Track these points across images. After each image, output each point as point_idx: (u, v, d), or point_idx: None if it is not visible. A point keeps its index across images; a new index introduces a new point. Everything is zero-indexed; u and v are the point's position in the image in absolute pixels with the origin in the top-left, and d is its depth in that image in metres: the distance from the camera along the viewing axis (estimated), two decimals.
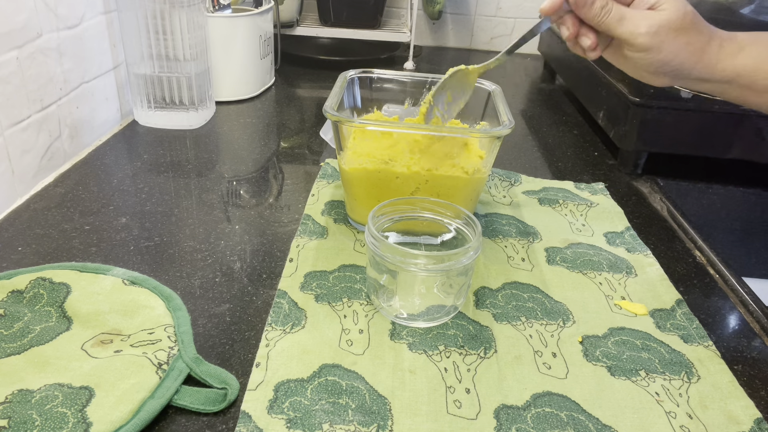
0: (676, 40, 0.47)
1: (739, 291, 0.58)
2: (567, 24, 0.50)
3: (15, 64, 0.65)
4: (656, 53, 0.47)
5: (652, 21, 0.47)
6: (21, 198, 0.67)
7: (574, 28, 0.50)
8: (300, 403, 0.42)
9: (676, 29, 0.47)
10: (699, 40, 0.48)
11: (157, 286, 0.51)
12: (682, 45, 0.47)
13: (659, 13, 0.47)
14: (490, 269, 0.59)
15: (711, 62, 0.48)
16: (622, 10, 0.48)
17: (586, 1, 0.48)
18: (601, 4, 0.48)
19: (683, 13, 0.47)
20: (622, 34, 0.48)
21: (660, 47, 0.47)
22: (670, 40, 0.47)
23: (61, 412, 0.38)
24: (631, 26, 0.47)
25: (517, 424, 0.42)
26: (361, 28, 1.26)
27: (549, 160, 0.87)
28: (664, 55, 0.47)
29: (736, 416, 0.44)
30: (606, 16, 0.48)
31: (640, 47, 0.48)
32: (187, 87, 0.87)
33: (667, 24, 0.47)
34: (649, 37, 0.47)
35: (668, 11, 0.47)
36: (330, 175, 0.75)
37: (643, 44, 0.47)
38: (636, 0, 0.48)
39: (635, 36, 0.47)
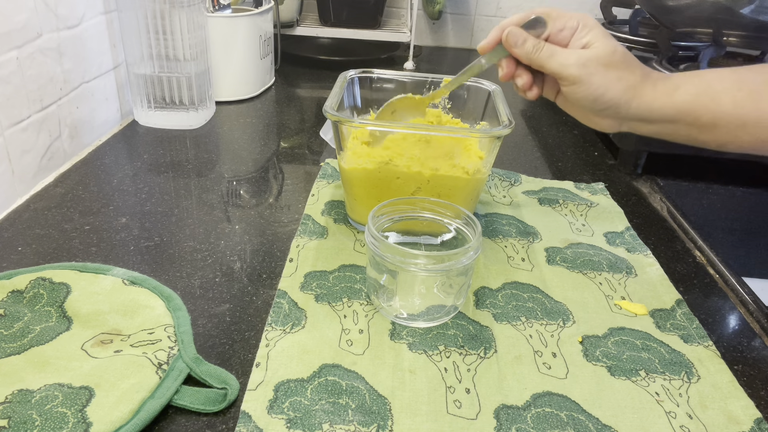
0: (606, 74, 0.48)
1: (739, 291, 0.58)
2: (502, 65, 0.52)
3: (15, 64, 0.65)
4: (587, 86, 0.48)
5: (580, 54, 0.48)
6: (21, 198, 0.67)
7: (509, 69, 0.52)
8: (300, 403, 0.42)
9: (606, 64, 0.48)
10: (630, 77, 0.49)
11: (157, 286, 0.51)
12: (613, 79, 0.48)
13: (589, 50, 0.49)
14: (490, 269, 0.59)
15: (647, 100, 0.49)
16: (553, 47, 0.50)
17: (516, 41, 0.50)
18: (533, 43, 0.50)
19: (612, 50, 0.48)
20: (552, 68, 0.49)
21: (590, 80, 0.48)
22: (599, 73, 0.48)
23: (61, 412, 0.38)
24: (561, 59, 0.49)
25: (517, 424, 0.42)
26: (361, 28, 1.26)
27: (549, 160, 0.87)
28: (595, 88, 0.48)
29: (736, 416, 0.44)
30: (537, 52, 0.50)
31: (570, 79, 0.49)
32: (187, 87, 0.87)
33: (595, 58, 0.48)
34: (578, 68, 0.48)
35: (597, 47, 0.49)
36: (330, 175, 0.75)
37: (572, 75, 0.48)
38: (571, 41, 0.50)
39: (564, 67, 0.49)
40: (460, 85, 0.60)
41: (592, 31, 0.49)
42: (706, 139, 0.50)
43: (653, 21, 1.07)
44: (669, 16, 0.93)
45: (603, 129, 0.53)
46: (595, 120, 0.52)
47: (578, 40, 0.50)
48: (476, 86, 0.69)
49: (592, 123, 0.53)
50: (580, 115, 0.53)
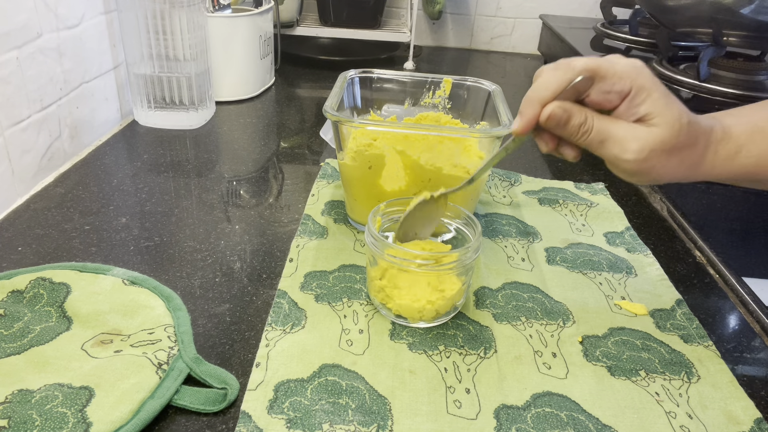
0: (667, 163, 0.41)
1: (739, 291, 0.58)
2: (544, 139, 0.44)
3: (15, 64, 0.65)
4: (645, 177, 0.42)
5: (641, 143, 0.40)
6: (21, 198, 0.67)
7: (552, 144, 0.44)
8: (300, 403, 0.42)
9: (670, 150, 0.40)
10: (693, 154, 0.42)
11: (157, 286, 0.51)
12: (675, 165, 0.41)
13: (650, 132, 0.40)
14: (490, 269, 0.59)
15: (706, 171, 0.43)
16: (604, 128, 0.41)
17: (558, 122, 0.41)
18: (579, 122, 0.41)
19: (678, 130, 0.40)
20: (606, 157, 0.42)
21: (649, 171, 0.41)
22: (661, 164, 0.41)
23: (61, 412, 0.38)
24: (615, 150, 0.41)
25: (517, 424, 0.42)
26: (361, 28, 1.26)
27: (549, 160, 0.87)
28: (654, 177, 0.42)
29: (736, 416, 0.44)
30: (585, 136, 0.41)
31: (626, 172, 0.42)
32: (187, 87, 0.87)
33: (660, 146, 0.40)
34: (638, 163, 0.40)
35: (661, 128, 0.40)
36: (330, 175, 0.75)
37: (630, 170, 0.41)
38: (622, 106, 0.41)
39: (620, 162, 0.41)
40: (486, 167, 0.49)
41: (651, 96, 0.40)
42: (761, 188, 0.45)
43: (653, 21, 1.07)
44: (669, 16, 0.93)
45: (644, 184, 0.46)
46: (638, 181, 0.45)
47: (633, 109, 0.40)
48: (476, 86, 0.69)
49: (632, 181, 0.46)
50: None
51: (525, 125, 0.43)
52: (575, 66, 0.41)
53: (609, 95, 0.41)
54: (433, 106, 0.71)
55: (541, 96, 0.42)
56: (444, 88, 0.70)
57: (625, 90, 0.40)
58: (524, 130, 0.43)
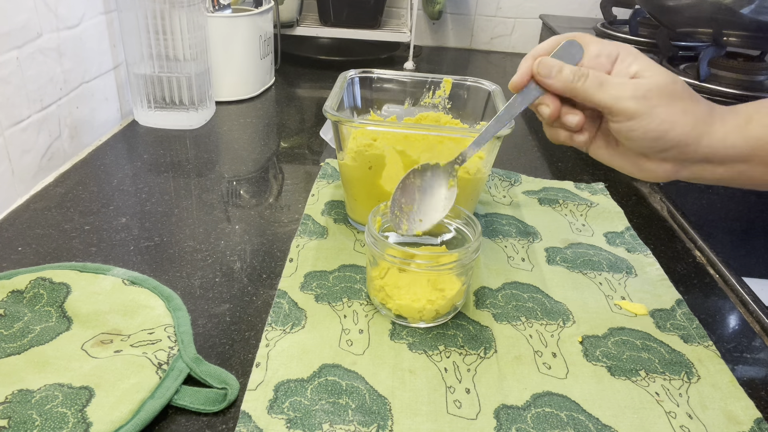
0: (670, 106, 0.40)
1: (739, 291, 0.58)
2: (546, 102, 0.43)
3: (15, 64, 0.65)
4: (648, 121, 0.40)
5: (638, 84, 0.40)
6: (21, 198, 0.67)
7: (554, 106, 0.43)
8: (300, 403, 0.42)
9: (669, 94, 0.40)
10: (698, 108, 0.41)
11: (157, 286, 0.51)
12: (679, 112, 0.40)
13: (645, 79, 0.41)
14: (490, 269, 0.59)
15: (718, 137, 0.41)
16: (602, 75, 0.41)
17: (550, 71, 0.41)
18: (572, 70, 0.41)
19: (673, 80, 0.40)
20: (603, 100, 0.41)
21: (652, 113, 0.40)
22: (663, 105, 0.40)
23: (61, 412, 0.38)
24: (614, 90, 0.40)
25: (517, 424, 0.42)
26: (361, 28, 1.26)
27: (549, 160, 0.87)
28: (658, 124, 0.40)
29: (736, 416, 0.44)
30: (582, 80, 0.41)
31: (626, 113, 0.40)
32: (187, 87, 0.87)
33: (656, 88, 0.40)
34: (637, 100, 0.40)
35: (655, 76, 0.40)
36: (330, 175, 0.75)
37: (631, 109, 0.40)
38: (614, 69, 0.42)
39: (618, 100, 0.40)
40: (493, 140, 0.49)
41: (639, 59, 0.41)
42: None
43: (653, 21, 1.07)
44: (669, 16, 0.93)
45: (656, 178, 0.43)
46: (649, 166, 0.43)
47: (624, 69, 0.41)
48: (476, 86, 0.69)
49: (644, 171, 0.44)
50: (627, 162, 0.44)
51: (520, 76, 0.44)
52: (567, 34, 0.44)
53: (599, 59, 0.42)
54: (433, 106, 0.71)
55: (536, 52, 0.44)
56: (444, 88, 0.70)
57: (613, 54, 0.42)
58: (520, 80, 0.44)
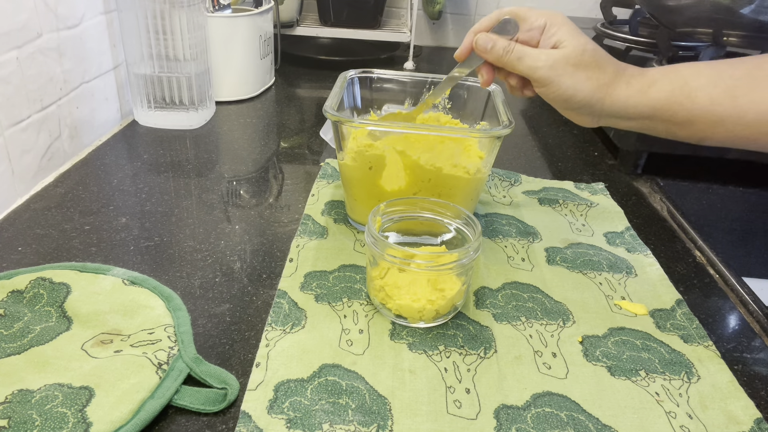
0: (574, 75, 0.48)
1: (739, 291, 0.58)
2: (482, 71, 0.53)
3: (15, 64, 0.65)
4: (556, 87, 0.49)
5: (549, 55, 0.49)
6: (21, 198, 0.67)
7: (488, 75, 0.53)
8: (300, 403, 0.42)
9: (575, 64, 0.48)
10: (601, 75, 0.49)
11: (157, 286, 0.51)
12: (582, 79, 0.48)
13: (557, 50, 0.49)
14: (490, 269, 0.59)
15: (621, 98, 0.49)
16: (523, 49, 0.50)
17: (486, 45, 0.51)
18: (503, 46, 0.50)
19: (582, 50, 0.48)
20: (522, 70, 0.50)
21: (559, 81, 0.49)
22: (568, 74, 0.48)
23: (61, 412, 0.38)
24: (529, 61, 0.49)
25: (517, 424, 0.42)
26: (361, 28, 1.26)
27: (549, 160, 0.87)
28: (564, 90, 0.49)
29: (736, 416, 0.44)
30: (507, 55, 0.50)
31: (540, 81, 0.49)
32: (187, 87, 0.87)
33: (563, 58, 0.48)
34: (546, 70, 0.48)
35: (566, 46, 0.49)
36: (330, 175, 0.75)
37: (542, 77, 0.49)
38: (541, 40, 0.50)
39: (534, 70, 0.49)
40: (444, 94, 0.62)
41: (561, 29, 0.49)
42: (684, 135, 0.50)
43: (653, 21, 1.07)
44: (669, 16, 0.93)
45: (582, 124, 0.53)
46: (573, 116, 0.52)
47: (547, 39, 0.50)
48: (476, 86, 0.69)
49: (572, 118, 0.53)
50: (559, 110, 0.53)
51: (463, 48, 0.54)
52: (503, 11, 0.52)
53: (531, 32, 0.50)
54: (434, 106, 0.71)
55: (477, 27, 0.53)
56: None
57: (541, 24, 0.50)
58: (462, 52, 0.54)
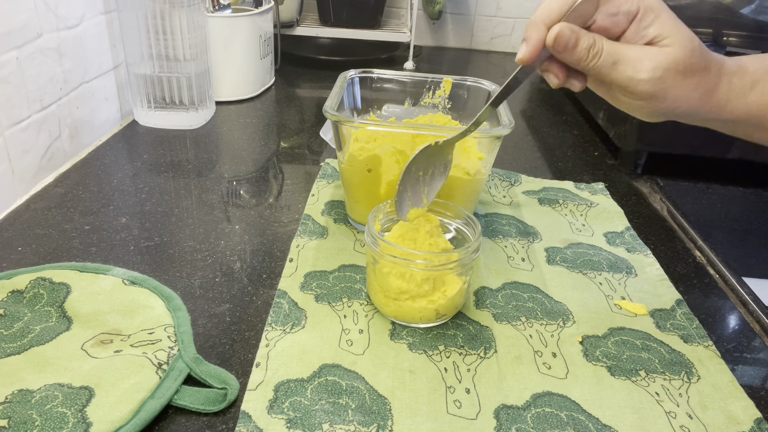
0: (684, 84, 0.39)
1: (739, 291, 0.58)
2: (553, 71, 0.41)
3: (15, 64, 0.65)
4: (661, 101, 0.39)
5: (655, 63, 0.38)
6: (21, 198, 0.67)
7: (562, 75, 0.41)
8: (300, 403, 0.42)
9: (684, 71, 0.38)
10: (708, 80, 0.40)
11: (157, 286, 0.51)
12: (691, 88, 0.39)
13: (663, 52, 0.38)
14: (490, 269, 0.59)
15: (720, 103, 0.41)
16: (615, 50, 0.39)
17: (566, 44, 0.39)
18: (587, 44, 0.39)
19: (691, 50, 0.38)
20: (618, 80, 0.39)
21: (665, 94, 0.39)
22: (677, 85, 0.39)
23: (61, 412, 0.38)
24: (629, 71, 0.39)
25: (517, 424, 0.42)
26: (361, 28, 1.26)
27: (549, 160, 0.87)
28: (670, 103, 0.39)
29: (736, 416, 0.44)
30: (596, 59, 0.39)
31: (641, 95, 0.39)
32: (187, 87, 0.87)
33: (674, 66, 0.38)
34: (653, 83, 0.38)
35: (673, 48, 0.38)
36: (330, 175, 0.75)
37: (645, 92, 0.39)
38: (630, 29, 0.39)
39: (635, 83, 0.39)
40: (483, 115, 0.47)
41: (659, 18, 0.38)
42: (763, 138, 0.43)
43: None
44: None
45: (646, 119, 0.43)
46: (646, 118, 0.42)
47: (641, 31, 0.39)
48: (476, 86, 0.69)
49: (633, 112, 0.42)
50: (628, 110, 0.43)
51: (532, 50, 0.39)
52: None
53: (616, 17, 0.39)
54: (433, 106, 0.71)
55: (547, 18, 0.39)
56: (444, 88, 0.70)
57: (633, 11, 0.38)
58: (532, 56, 0.40)
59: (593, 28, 0.40)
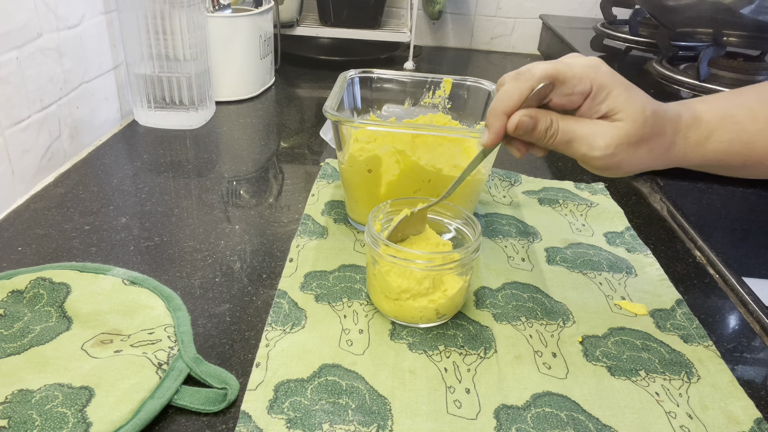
0: (636, 153, 0.41)
1: (739, 291, 0.58)
2: (515, 146, 0.45)
3: (15, 64, 0.65)
4: (616, 170, 0.43)
5: (607, 140, 0.41)
6: (21, 198, 0.67)
7: (524, 149, 0.45)
8: (300, 403, 0.42)
9: (636, 142, 0.41)
10: (662, 143, 0.42)
11: (157, 286, 0.51)
12: (643, 155, 0.42)
13: (615, 127, 0.41)
14: (490, 269, 0.59)
15: (677, 157, 0.44)
16: (569, 128, 0.42)
17: (525, 129, 0.42)
18: (545, 126, 0.42)
19: (642, 122, 0.41)
20: (575, 155, 0.43)
21: (619, 165, 0.42)
22: (630, 156, 0.41)
23: (61, 412, 0.38)
24: (583, 148, 0.42)
25: (517, 424, 0.42)
26: (361, 28, 1.26)
27: (549, 160, 0.87)
28: (625, 169, 0.43)
29: (736, 416, 0.44)
30: (552, 139, 0.42)
31: (597, 168, 0.43)
32: (187, 87, 0.87)
33: (626, 140, 0.41)
34: (606, 159, 0.41)
35: (625, 122, 0.41)
36: (330, 175, 0.75)
37: (600, 166, 0.42)
38: (585, 105, 0.42)
39: (589, 159, 0.42)
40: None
41: (611, 94, 0.41)
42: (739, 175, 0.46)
43: (653, 21, 1.07)
44: (669, 16, 0.93)
45: None
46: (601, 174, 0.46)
47: (595, 107, 0.41)
48: (476, 86, 0.69)
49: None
50: None
51: (494, 137, 0.44)
52: (535, 73, 0.42)
53: (571, 97, 0.42)
54: (433, 106, 0.71)
55: (506, 106, 0.43)
56: (444, 88, 0.70)
57: (586, 90, 0.41)
58: (493, 142, 0.44)
59: (551, 105, 0.43)
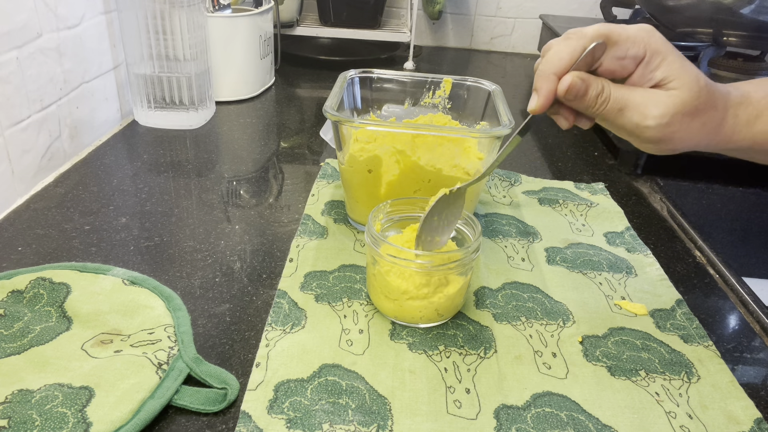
0: (690, 125, 0.39)
1: (739, 291, 0.58)
2: (563, 115, 0.42)
3: (15, 64, 0.65)
4: (667, 143, 0.40)
5: (662, 109, 0.38)
6: (21, 198, 0.67)
7: (572, 119, 0.42)
8: (300, 403, 0.42)
9: (691, 112, 0.39)
10: (714, 117, 0.40)
11: (157, 286, 0.51)
12: (698, 128, 0.39)
13: (670, 96, 0.39)
14: (490, 269, 0.59)
15: (727, 136, 0.41)
16: (622, 96, 0.39)
17: (577, 93, 0.39)
18: (596, 92, 0.39)
19: (698, 91, 0.39)
20: (625, 126, 0.40)
21: (672, 137, 0.39)
22: (684, 128, 0.39)
23: (61, 412, 0.38)
24: (636, 117, 0.39)
25: (517, 424, 0.42)
26: (361, 28, 1.26)
27: (549, 160, 0.87)
28: (677, 143, 0.40)
29: (736, 416, 0.44)
30: (603, 106, 0.40)
31: (648, 140, 0.40)
32: (187, 87, 0.87)
33: (681, 109, 0.38)
34: (660, 129, 0.39)
35: (680, 90, 0.39)
36: (330, 175, 0.75)
37: (653, 137, 0.39)
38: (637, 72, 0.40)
39: (642, 129, 0.39)
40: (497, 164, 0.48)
41: (666, 60, 0.39)
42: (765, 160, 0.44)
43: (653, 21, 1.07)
44: (669, 16, 0.93)
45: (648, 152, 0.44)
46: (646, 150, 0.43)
47: (648, 75, 0.39)
48: (476, 86, 0.69)
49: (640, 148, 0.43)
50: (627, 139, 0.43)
51: (544, 101, 0.40)
52: (587, 33, 0.39)
53: (623, 61, 0.39)
54: (433, 106, 0.71)
55: (557, 66, 0.39)
56: (444, 88, 0.70)
57: (640, 54, 0.39)
58: (543, 107, 0.40)
59: (600, 71, 0.40)
